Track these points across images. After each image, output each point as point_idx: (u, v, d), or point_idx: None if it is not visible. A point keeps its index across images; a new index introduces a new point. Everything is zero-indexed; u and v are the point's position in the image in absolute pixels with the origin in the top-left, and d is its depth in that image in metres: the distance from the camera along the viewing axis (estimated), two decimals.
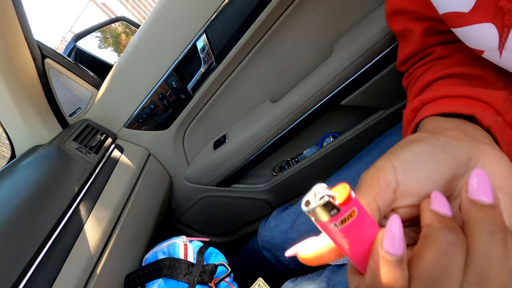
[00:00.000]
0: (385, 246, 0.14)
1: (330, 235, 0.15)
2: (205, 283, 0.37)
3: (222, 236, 0.83)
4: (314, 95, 0.55)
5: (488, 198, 0.14)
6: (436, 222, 0.14)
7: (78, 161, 0.53)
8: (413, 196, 0.16)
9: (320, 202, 0.13)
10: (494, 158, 0.18)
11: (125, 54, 0.58)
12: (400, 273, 0.13)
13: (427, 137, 0.18)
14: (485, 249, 0.13)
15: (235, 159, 0.63)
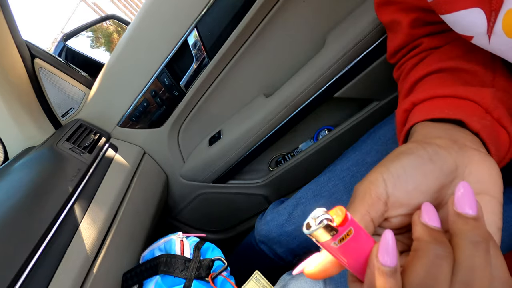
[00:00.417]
0: (380, 259, 0.15)
1: (331, 252, 0.16)
2: (202, 278, 0.37)
3: (220, 233, 0.83)
4: (308, 88, 0.55)
5: (472, 210, 0.15)
6: (426, 235, 0.16)
7: (71, 161, 0.52)
8: (403, 206, 0.18)
9: (320, 225, 0.15)
10: (481, 163, 0.19)
11: (116, 52, 0.57)
12: (394, 282, 0.15)
13: (415, 148, 0.19)
14: (469, 260, 0.14)
15: (231, 155, 0.63)
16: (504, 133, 0.23)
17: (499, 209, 0.18)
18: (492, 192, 0.18)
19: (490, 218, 0.17)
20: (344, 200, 0.43)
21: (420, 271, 0.15)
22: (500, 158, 0.24)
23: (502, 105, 0.24)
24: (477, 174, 0.18)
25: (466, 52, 0.28)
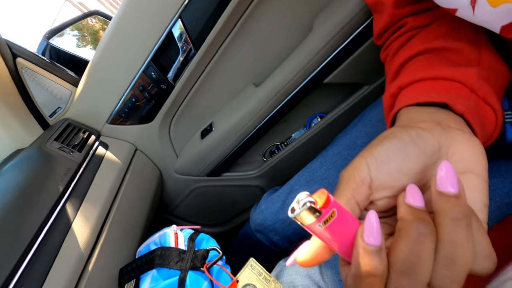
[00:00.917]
0: (365, 239, 0.16)
1: (318, 235, 0.17)
2: (197, 268, 0.37)
3: (218, 226, 0.83)
4: (297, 75, 0.54)
5: (453, 189, 0.15)
6: (409, 215, 0.16)
7: (61, 160, 0.52)
8: (387, 188, 0.18)
9: (303, 208, 0.15)
10: (465, 142, 0.19)
11: (100, 48, 0.56)
12: (379, 261, 0.15)
13: (399, 132, 0.19)
14: (451, 236, 0.15)
15: (223, 146, 0.63)
16: (490, 111, 0.23)
17: (484, 186, 0.18)
18: (477, 171, 0.18)
19: (475, 195, 0.18)
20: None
21: (404, 249, 0.15)
22: (487, 137, 0.24)
23: (487, 83, 0.24)
24: (461, 154, 0.18)
25: (451, 30, 0.28)
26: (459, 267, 0.15)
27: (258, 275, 0.35)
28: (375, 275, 0.15)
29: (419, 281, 0.15)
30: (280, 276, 0.40)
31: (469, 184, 0.18)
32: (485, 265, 0.16)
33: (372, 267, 0.15)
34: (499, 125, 0.24)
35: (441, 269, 0.15)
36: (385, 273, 0.15)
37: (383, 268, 0.15)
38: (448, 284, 0.15)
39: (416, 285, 0.15)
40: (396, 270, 0.15)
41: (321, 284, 0.37)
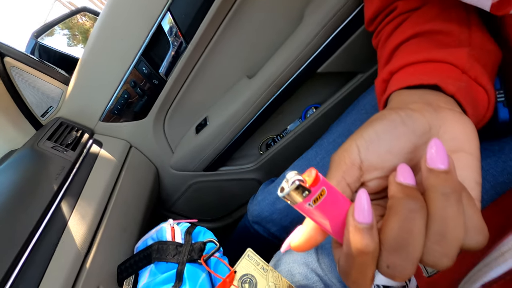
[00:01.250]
0: (355, 217, 0.16)
1: (309, 215, 0.17)
2: (194, 260, 0.37)
3: (217, 221, 0.83)
4: (290, 65, 0.54)
5: (443, 165, 0.15)
6: (399, 192, 0.16)
7: (54, 159, 0.51)
8: (378, 169, 0.18)
9: (292, 186, 0.15)
10: (456, 122, 0.19)
11: (89, 44, 0.55)
12: (370, 239, 0.15)
13: (388, 113, 0.19)
14: (441, 211, 0.15)
15: (219, 140, 0.63)
16: (482, 91, 0.23)
17: (476, 164, 0.18)
18: (468, 149, 0.18)
19: (467, 173, 0.17)
20: None
21: (395, 226, 0.15)
22: (480, 117, 0.24)
23: (478, 63, 0.24)
24: (452, 133, 0.18)
25: (442, 11, 0.28)
26: (450, 242, 0.15)
27: (256, 265, 0.35)
28: (366, 253, 0.15)
29: (411, 257, 0.15)
30: (278, 265, 0.40)
31: (461, 162, 0.18)
32: (477, 240, 0.15)
33: (363, 245, 0.15)
34: (491, 105, 0.24)
35: (432, 244, 0.15)
36: (377, 251, 0.15)
37: (375, 246, 0.15)
38: (440, 259, 0.15)
39: (407, 261, 0.15)
40: (387, 248, 0.15)
41: (318, 272, 0.37)
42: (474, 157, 0.18)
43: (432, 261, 0.15)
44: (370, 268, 0.16)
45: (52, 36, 1.05)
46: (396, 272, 0.15)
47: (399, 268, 0.15)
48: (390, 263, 0.15)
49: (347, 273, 0.17)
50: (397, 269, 0.15)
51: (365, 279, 0.16)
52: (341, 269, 0.17)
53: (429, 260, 0.15)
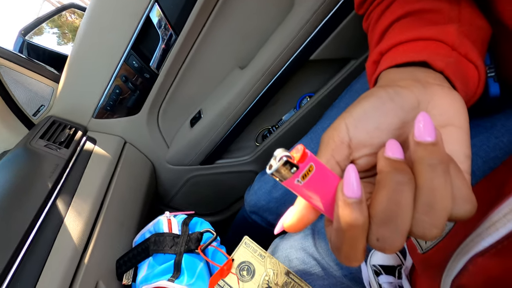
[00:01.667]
0: (344, 192, 0.16)
1: (299, 192, 0.17)
2: (192, 250, 0.37)
3: (216, 215, 0.83)
4: (282, 53, 0.53)
5: (430, 137, 0.15)
6: (387, 166, 0.16)
7: (48, 157, 0.51)
8: (366, 146, 0.18)
9: (280, 162, 0.15)
10: (444, 96, 0.19)
11: (77, 40, 0.54)
12: (359, 212, 0.15)
13: (377, 91, 0.19)
14: (429, 182, 0.15)
15: (214, 133, 0.62)
16: (472, 67, 0.23)
17: (465, 138, 0.18)
18: (457, 123, 0.18)
19: (456, 147, 0.18)
20: None
21: (383, 199, 0.15)
22: (471, 94, 0.24)
23: (468, 39, 0.24)
24: (441, 108, 0.18)
25: None
26: (438, 212, 0.15)
27: (253, 252, 0.36)
28: (356, 227, 0.15)
29: (400, 229, 0.15)
30: (275, 252, 0.41)
31: (450, 136, 0.18)
32: (465, 209, 0.15)
33: (352, 219, 0.15)
34: (482, 81, 0.24)
35: (420, 215, 0.15)
36: (366, 224, 0.15)
37: (364, 219, 0.15)
38: (429, 229, 0.15)
39: (397, 233, 0.15)
40: (376, 221, 0.15)
41: (315, 256, 0.37)
42: (463, 131, 0.18)
43: (421, 232, 0.15)
44: (360, 241, 0.16)
45: (42, 35, 1.03)
46: (386, 245, 0.15)
47: (388, 240, 0.15)
48: (379, 236, 0.15)
49: (338, 248, 0.17)
50: (386, 242, 0.15)
51: (356, 253, 0.16)
52: (333, 244, 0.17)
53: (418, 231, 0.15)
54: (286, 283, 0.33)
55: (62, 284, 0.37)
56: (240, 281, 0.33)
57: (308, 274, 0.37)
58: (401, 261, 0.28)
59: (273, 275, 0.34)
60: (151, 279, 0.36)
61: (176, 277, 0.34)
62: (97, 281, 0.42)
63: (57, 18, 1.10)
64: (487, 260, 0.17)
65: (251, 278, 0.34)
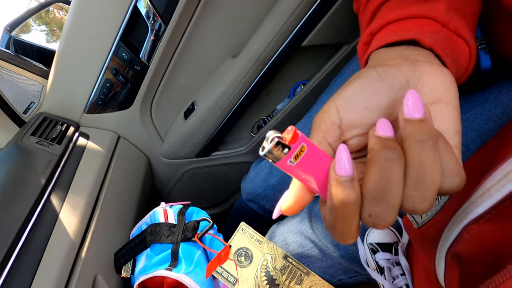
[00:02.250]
0: (336, 171, 0.16)
1: (292, 173, 0.17)
2: (189, 239, 0.37)
3: (215, 207, 0.83)
4: (274, 40, 0.53)
5: (419, 114, 0.16)
6: (377, 144, 0.16)
7: (40, 154, 0.50)
8: (357, 126, 0.19)
9: (272, 143, 0.16)
10: (433, 73, 0.19)
11: (64, 34, 0.53)
12: (352, 190, 0.16)
13: (366, 71, 0.19)
14: (417, 157, 0.15)
15: (208, 124, 0.62)
16: (462, 43, 0.23)
17: (455, 113, 0.18)
18: (447, 99, 0.18)
19: (446, 123, 0.18)
20: None
21: (374, 177, 0.15)
22: (462, 70, 0.24)
23: (458, 14, 0.23)
24: (430, 84, 0.18)
25: None
26: (427, 187, 0.15)
27: (250, 237, 0.35)
28: (348, 204, 0.16)
29: (391, 205, 0.15)
30: (272, 237, 0.41)
31: (440, 113, 0.18)
32: (454, 182, 0.16)
33: (345, 197, 0.16)
34: (473, 57, 0.23)
35: (411, 190, 0.15)
36: (358, 201, 0.16)
37: (356, 197, 0.16)
38: (419, 203, 0.15)
39: (388, 209, 0.15)
40: (368, 198, 0.16)
41: (312, 238, 0.37)
42: (453, 107, 0.18)
43: (411, 207, 0.15)
44: (353, 218, 0.16)
45: (29, 32, 1.01)
46: (378, 220, 0.16)
47: (380, 216, 0.15)
48: (372, 212, 0.16)
49: (333, 226, 0.17)
50: (379, 217, 0.15)
51: (350, 230, 0.16)
52: (327, 223, 0.17)
53: (408, 206, 0.16)
54: (284, 267, 0.33)
55: (59, 278, 0.37)
56: (238, 267, 0.33)
57: (306, 257, 0.38)
58: (397, 238, 0.28)
59: (271, 259, 0.34)
60: (149, 269, 0.36)
61: (174, 266, 0.34)
62: (95, 275, 0.42)
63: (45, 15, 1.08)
64: (481, 227, 0.17)
65: (249, 263, 0.34)
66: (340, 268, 0.37)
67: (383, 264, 0.26)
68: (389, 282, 0.25)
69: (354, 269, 0.36)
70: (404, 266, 0.25)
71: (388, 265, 0.26)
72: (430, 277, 0.23)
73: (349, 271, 0.37)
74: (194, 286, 0.32)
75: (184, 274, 0.33)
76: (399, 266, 0.26)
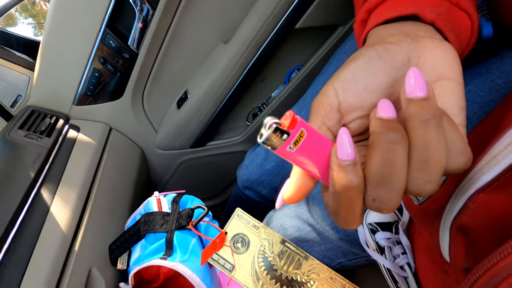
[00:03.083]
0: (338, 155, 0.15)
1: (293, 160, 0.16)
2: (183, 227, 0.36)
3: (213, 198, 0.82)
4: (266, 22, 0.51)
5: (422, 93, 0.15)
6: (379, 127, 0.16)
7: (28, 147, 0.48)
8: (357, 109, 0.18)
9: (270, 130, 0.15)
10: (435, 49, 0.18)
11: (47, 23, 0.51)
12: (354, 174, 0.15)
13: (365, 50, 0.18)
14: (422, 138, 0.15)
15: (202, 113, 0.60)
16: (464, 16, 0.22)
17: (459, 90, 0.17)
18: (450, 75, 0.17)
19: (450, 100, 0.17)
20: None
21: (377, 160, 0.15)
22: (464, 44, 0.22)
23: None
24: (432, 61, 0.18)
25: None
26: (433, 167, 0.14)
27: (247, 223, 0.34)
28: (351, 188, 0.15)
29: (395, 189, 0.15)
30: (269, 222, 0.40)
31: (444, 90, 0.17)
32: (459, 162, 0.15)
33: (347, 181, 0.15)
34: (475, 31, 0.22)
35: (415, 173, 0.15)
36: (362, 185, 0.15)
37: (359, 180, 0.15)
38: (424, 186, 0.15)
39: (392, 192, 0.15)
40: (371, 182, 0.15)
41: (310, 221, 0.37)
42: (456, 83, 0.17)
43: (416, 189, 0.15)
44: (357, 203, 0.16)
45: (15, 26, 0.98)
46: (382, 204, 0.15)
47: (385, 200, 0.15)
48: (375, 197, 0.15)
49: (336, 212, 0.16)
50: (383, 202, 0.15)
51: (354, 215, 0.16)
52: (330, 209, 0.17)
53: (413, 189, 0.15)
54: (282, 252, 0.32)
55: (52, 272, 0.36)
56: (235, 254, 0.32)
57: (304, 241, 0.37)
58: (397, 217, 0.27)
59: (268, 245, 0.33)
60: (143, 259, 0.35)
61: (168, 255, 0.33)
62: (90, 268, 0.41)
63: (31, 7, 1.04)
64: (489, 195, 0.16)
65: (246, 249, 0.33)
66: (340, 251, 0.36)
67: (383, 244, 0.25)
68: (390, 261, 0.24)
69: (353, 251, 0.35)
70: (405, 245, 0.24)
71: (388, 244, 0.25)
72: (432, 253, 0.22)
73: (349, 253, 0.36)
74: (190, 274, 0.31)
75: (179, 263, 0.32)
76: (400, 245, 0.25)
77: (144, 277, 0.38)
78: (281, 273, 0.32)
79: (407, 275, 0.25)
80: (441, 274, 0.21)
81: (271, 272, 0.32)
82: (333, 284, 0.30)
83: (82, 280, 0.39)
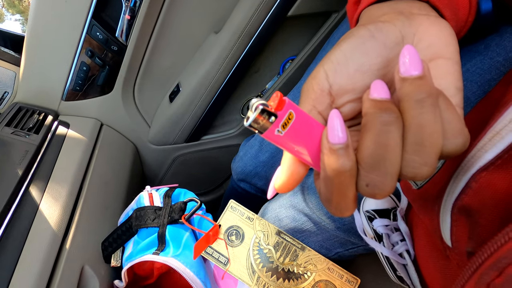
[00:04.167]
0: (329, 138, 0.15)
1: (282, 145, 0.16)
2: (176, 221, 0.34)
3: (209, 193, 0.81)
4: (258, 10, 0.49)
5: (416, 71, 0.14)
6: (372, 108, 0.15)
7: (16, 144, 0.47)
8: (348, 92, 0.17)
9: (256, 112, 0.14)
10: (431, 27, 0.17)
11: (31, 16, 0.49)
12: (346, 157, 0.14)
13: (356, 30, 0.18)
14: (417, 118, 0.14)
15: (195, 106, 0.59)
16: None
17: (455, 69, 0.16)
18: (446, 54, 0.17)
19: (447, 80, 0.16)
20: None
21: (370, 143, 0.14)
22: (461, 22, 0.21)
23: None
24: (428, 39, 0.17)
25: None
26: (428, 150, 0.14)
27: (241, 215, 0.33)
28: (343, 172, 0.14)
29: (389, 172, 0.14)
30: (264, 214, 0.39)
31: (440, 70, 0.16)
32: (456, 143, 0.14)
33: (339, 165, 0.14)
34: (473, 8, 0.21)
35: (410, 155, 0.14)
36: (354, 170, 0.15)
37: (351, 164, 0.14)
38: (419, 169, 0.14)
39: (386, 177, 0.14)
40: (364, 166, 0.14)
41: (306, 211, 0.36)
42: (453, 62, 0.17)
43: (411, 173, 0.14)
44: (350, 189, 0.15)
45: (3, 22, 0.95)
46: (376, 190, 0.14)
47: (378, 185, 0.14)
48: (369, 181, 0.14)
49: (328, 199, 0.16)
50: (376, 187, 0.14)
51: (347, 202, 0.15)
52: (323, 196, 0.16)
53: (408, 172, 0.14)
54: (278, 244, 0.31)
55: (43, 271, 0.35)
56: (229, 246, 0.31)
57: (300, 231, 0.36)
58: (395, 203, 0.26)
59: (263, 237, 0.32)
60: (135, 255, 0.34)
61: (161, 250, 0.32)
62: (83, 265, 0.40)
63: (18, 3, 1.02)
64: (492, 174, 0.15)
65: (241, 242, 0.32)
66: (337, 241, 0.35)
67: (381, 231, 0.24)
68: (388, 249, 0.24)
69: (351, 241, 0.35)
70: (404, 231, 0.24)
71: (386, 231, 0.24)
72: (432, 238, 0.21)
73: (346, 243, 0.35)
74: (183, 269, 0.30)
75: (172, 257, 0.31)
76: (398, 232, 0.24)
77: (138, 274, 0.37)
78: (277, 265, 0.31)
79: (406, 263, 0.24)
80: (442, 259, 0.20)
81: (267, 265, 0.31)
82: (331, 275, 0.30)
83: (74, 278, 0.38)
